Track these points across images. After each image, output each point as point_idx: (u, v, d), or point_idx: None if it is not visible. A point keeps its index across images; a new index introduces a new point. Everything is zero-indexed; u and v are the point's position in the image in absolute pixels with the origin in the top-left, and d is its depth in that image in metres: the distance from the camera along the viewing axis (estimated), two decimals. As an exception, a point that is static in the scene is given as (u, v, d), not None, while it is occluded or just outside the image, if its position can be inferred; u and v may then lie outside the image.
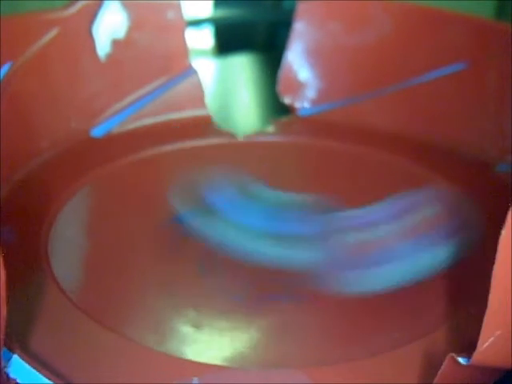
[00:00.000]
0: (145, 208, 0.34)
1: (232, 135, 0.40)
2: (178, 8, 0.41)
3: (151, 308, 0.28)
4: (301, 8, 0.42)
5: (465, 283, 0.29)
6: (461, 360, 0.19)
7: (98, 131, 0.39)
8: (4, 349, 0.22)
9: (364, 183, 0.37)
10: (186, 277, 0.29)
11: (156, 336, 0.26)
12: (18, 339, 0.23)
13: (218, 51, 0.43)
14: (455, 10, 0.41)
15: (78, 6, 0.38)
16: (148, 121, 0.41)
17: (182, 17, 0.41)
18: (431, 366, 0.22)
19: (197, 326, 0.26)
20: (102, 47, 0.39)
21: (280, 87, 0.42)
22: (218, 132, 0.40)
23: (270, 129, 0.41)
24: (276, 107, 0.43)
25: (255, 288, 0.29)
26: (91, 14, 0.39)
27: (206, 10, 0.42)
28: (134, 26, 0.40)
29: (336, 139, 0.40)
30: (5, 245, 0.19)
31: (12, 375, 0.22)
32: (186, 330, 0.26)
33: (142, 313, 0.27)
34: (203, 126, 0.41)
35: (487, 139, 0.38)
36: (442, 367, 0.19)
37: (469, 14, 0.40)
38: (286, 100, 0.42)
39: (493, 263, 0.17)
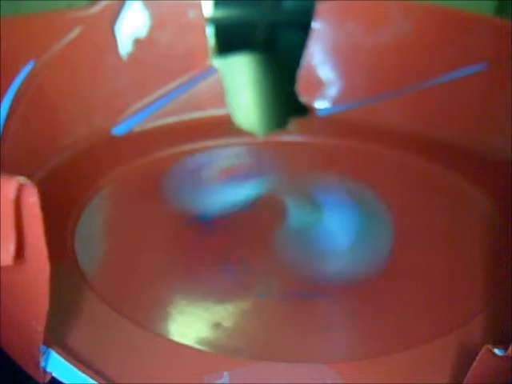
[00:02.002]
0: (166, 206, 0.34)
1: (253, 135, 0.40)
2: (199, 7, 0.41)
3: (176, 303, 0.28)
4: (320, 8, 0.42)
5: (500, 274, 0.29)
6: (497, 351, 0.19)
7: (119, 130, 0.40)
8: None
9: (383, 184, 0.37)
10: (210, 273, 0.30)
11: (182, 331, 0.26)
12: (54, 334, 0.23)
13: (217, 51, 0.43)
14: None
15: (101, 5, 0.38)
16: (169, 120, 0.41)
17: (203, 16, 0.41)
18: (465, 358, 0.22)
19: (221, 322, 0.27)
20: (124, 46, 0.40)
21: (299, 87, 0.42)
22: (239, 131, 0.41)
23: (290, 128, 0.41)
24: (276, 107, 0.43)
25: (280, 284, 0.29)
26: (114, 13, 0.39)
27: (207, 9, 0.42)
28: (156, 25, 0.40)
29: (354, 139, 0.40)
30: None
31: (48, 369, 0.23)
32: (212, 326, 0.26)
33: (167, 307, 0.28)
34: (224, 125, 0.41)
35: (507, 139, 0.37)
36: (477, 359, 0.19)
37: (489, 15, 0.40)
38: (305, 100, 0.42)
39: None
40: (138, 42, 0.40)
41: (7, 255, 0.18)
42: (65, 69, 0.38)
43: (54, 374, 0.23)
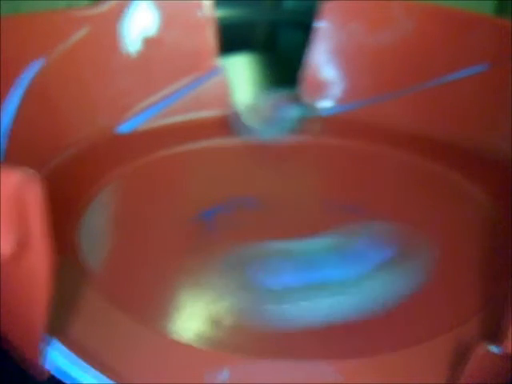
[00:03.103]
0: (170, 204, 0.35)
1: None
2: (207, 7, 0.41)
3: (176, 300, 0.28)
4: (324, 8, 0.42)
5: (499, 273, 0.30)
6: (493, 349, 0.19)
7: (124, 128, 0.40)
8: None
9: (385, 183, 0.37)
10: (211, 271, 0.30)
11: (182, 329, 0.26)
12: (52, 329, 0.23)
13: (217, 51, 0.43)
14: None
15: (108, 4, 0.39)
16: (174, 119, 0.41)
17: (210, 16, 0.41)
18: (463, 358, 0.22)
19: (221, 320, 0.27)
20: (131, 45, 0.40)
21: (303, 87, 0.42)
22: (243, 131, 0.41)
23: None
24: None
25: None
26: (121, 12, 0.39)
27: (214, 10, 0.42)
28: (163, 24, 0.40)
29: (357, 139, 0.41)
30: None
31: (48, 366, 0.23)
32: (212, 323, 0.27)
33: (168, 305, 0.28)
34: (229, 124, 0.41)
35: (507, 139, 0.38)
36: (473, 356, 0.20)
37: (489, 15, 0.39)
38: (309, 99, 0.42)
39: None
40: (144, 42, 0.40)
41: (9, 245, 0.18)
42: (70, 68, 0.38)
43: (52, 373, 0.23)
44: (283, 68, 0.44)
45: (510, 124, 0.38)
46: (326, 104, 0.43)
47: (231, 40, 0.44)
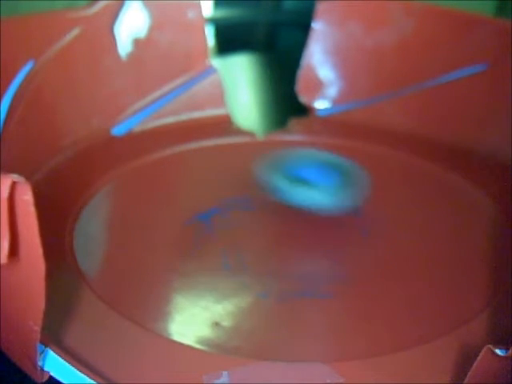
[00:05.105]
0: (166, 206, 0.34)
1: (252, 134, 0.40)
2: (199, 7, 0.41)
3: (175, 302, 0.28)
4: (320, 8, 0.42)
5: (500, 274, 0.29)
6: (498, 352, 0.19)
7: (118, 130, 0.40)
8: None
9: (383, 184, 0.37)
10: (209, 273, 0.29)
11: (181, 331, 0.26)
12: (52, 334, 0.23)
13: (217, 51, 0.43)
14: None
15: (100, 5, 0.38)
16: (168, 120, 0.41)
17: (202, 16, 0.41)
18: (466, 358, 0.22)
19: (220, 321, 0.27)
20: (124, 46, 0.40)
21: (299, 87, 0.42)
22: (238, 131, 0.40)
23: (290, 128, 0.41)
24: (276, 107, 0.43)
25: (279, 284, 0.29)
26: (113, 13, 0.39)
27: (206, 9, 0.42)
28: (155, 25, 0.40)
29: (355, 139, 0.40)
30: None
31: (46, 368, 0.23)
32: (211, 325, 0.26)
33: (166, 307, 0.28)
34: (223, 124, 0.41)
35: (507, 140, 0.37)
36: (478, 359, 0.19)
37: (489, 15, 0.39)
38: (305, 100, 0.42)
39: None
40: (137, 42, 0.40)
41: (1, 253, 0.18)
42: (64, 69, 0.38)
43: (51, 373, 0.23)
44: (283, 68, 0.44)
45: (510, 124, 0.37)
46: (322, 104, 0.42)
47: (231, 40, 0.44)
